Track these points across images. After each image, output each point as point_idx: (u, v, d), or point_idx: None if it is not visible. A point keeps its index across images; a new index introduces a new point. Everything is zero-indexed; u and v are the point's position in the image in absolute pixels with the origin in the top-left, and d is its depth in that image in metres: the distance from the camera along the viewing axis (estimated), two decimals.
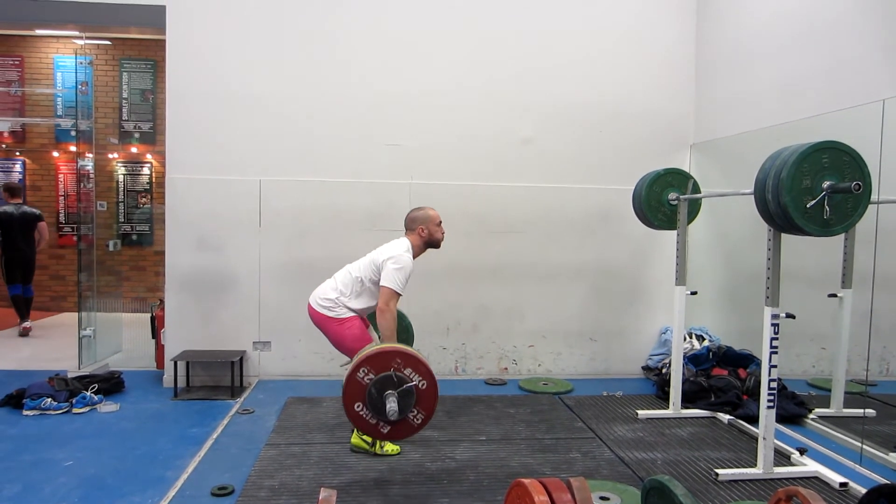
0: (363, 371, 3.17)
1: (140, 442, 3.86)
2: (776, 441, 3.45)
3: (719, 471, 3.35)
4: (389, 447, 3.61)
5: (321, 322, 3.66)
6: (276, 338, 5.19)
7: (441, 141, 5.25)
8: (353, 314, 3.63)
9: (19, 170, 8.26)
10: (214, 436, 3.94)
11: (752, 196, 3.17)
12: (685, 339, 5.05)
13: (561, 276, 5.41)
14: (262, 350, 5.19)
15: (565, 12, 5.34)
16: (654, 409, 4.49)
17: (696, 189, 4.40)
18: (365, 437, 3.56)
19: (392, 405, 3.09)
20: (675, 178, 4.46)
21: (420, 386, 3.20)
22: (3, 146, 8.24)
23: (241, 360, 5.03)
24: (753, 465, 3.41)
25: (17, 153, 8.26)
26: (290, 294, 5.16)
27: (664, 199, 4.45)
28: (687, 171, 4.94)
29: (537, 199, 5.33)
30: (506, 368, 5.42)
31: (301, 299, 5.09)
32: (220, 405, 4.58)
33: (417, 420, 3.24)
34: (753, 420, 4.02)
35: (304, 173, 5.14)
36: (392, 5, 5.20)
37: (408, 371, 3.20)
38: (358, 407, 3.17)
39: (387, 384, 3.17)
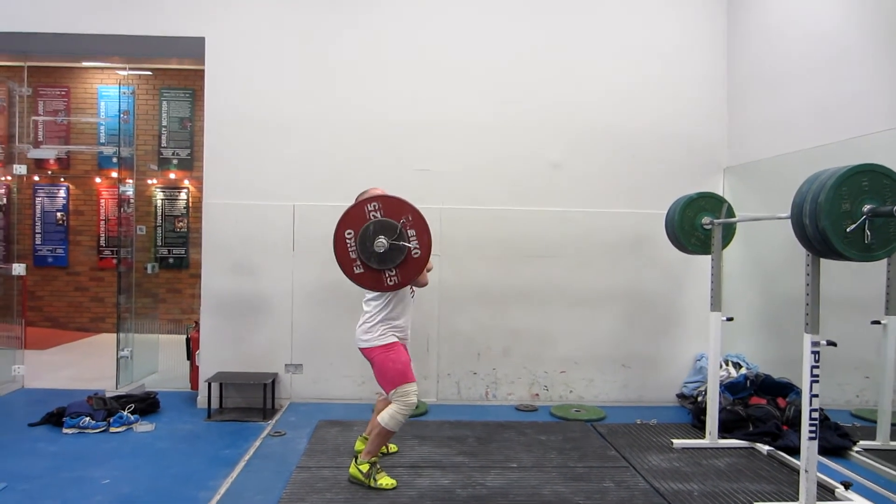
0: (374, 206, 3.25)
1: (174, 462, 3.91)
2: (819, 474, 3.33)
3: None
4: (384, 481, 3.47)
5: (368, 353, 3.58)
6: (308, 361, 5.22)
7: (471, 166, 5.29)
8: (396, 339, 3.56)
9: (63, 195, 8.53)
10: (247, 457, 3.97)
11: (789, 220, 3.12)
12: (721, 367, 4.94)
13: (593, 301, 5.36)
14: (294, 373, 5.22)
15: (595, 37, 5.38)
16: (689, 438, 4.39)
17: (731, 213, 4.35)
18: (361, 467, 3.49)
19: (381, 241, 3.20)
20: (709, 203, 4.41)
21: (413, 253, 3.25)
22: (49, 173, 8.53)
23: (274, 382, 5.07)
24: (795, 498, 3.29)
25: (62, 179, 8.55)
26: (322, 317, 5.22)
27: (697, 224, 4.40)
28: (720, 194, 4.88)
29: (568, 224, 5.32)
30: (537, 395, 5.37)
31: (333, 323, 5.20)
32: (252, 427, 4.62)
33: (391, 281, 3.29)
34: (794, 451, 3.90)
35: (336, 198, 5.17)
36: (421, 31, 5.30)
37: (412, 233, 3.27)
38: (348, 234, 3.26)
39: (387, 230, 3.23)
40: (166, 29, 5.13)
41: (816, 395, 3.16)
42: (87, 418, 4.45)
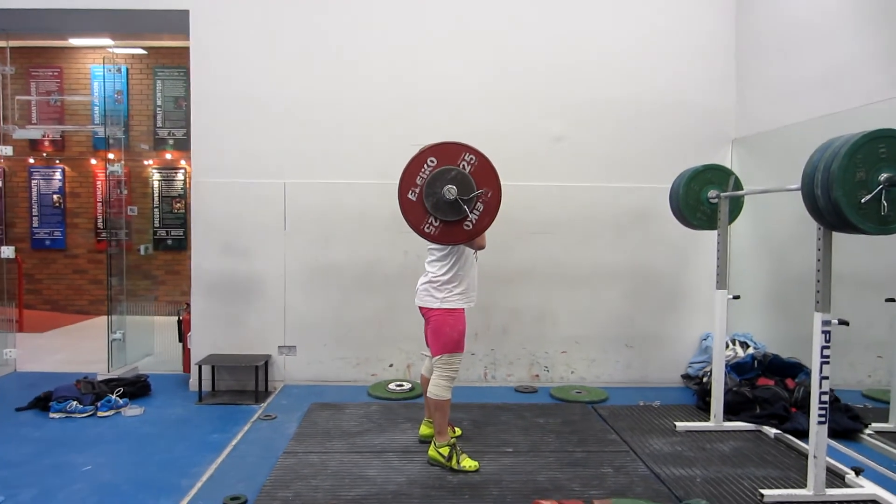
0: (471, 158, 3.27)
1: (160, 448, 3.80)
2: (828, 459, 3.17)
3: (765, 491, 3.09)
4: (467, 463, 3.39)
5: (428, 313, 3.52)
6: (302, 342, 5.10)
7: (468, 140, 5.02)
8: (462, 305, 3.47)
9: (59, 177, 8.41)
10: (234, 442, 3.85)
11: (800, 192, 2.92)
12: (728, 347, 4.77)
13: (595, 279, 5.18)
14: (288, 354, 5.10)
15: (596, 4, 5.13)
16: (694, 420, 4.22)
17: (738, 186, 4.13)
18: (441, 451, 3.42)
19: (452, 190, 3.16)
20: (715, 175, 4.19)
21: (465, 224, 3.23)
22: (45, 154, 8.40)
23: (267, 364, 4.95)
24: (803, 485, 3.14)
25: (58, 161, 8.42)
26: (315, 298, 5.08)
27: (703, 198, 4.19)
28: (728, 167, 4.66)
29: (569, 199, 5.12)
30: (537, 375, 5.21)
31: (326, 303, 5.06)
32: (243, 410, 4.50)
33: (428, 229, 3.28)
34: (803, 434, 3.72)
35: (329, 175, 5.04)
36: (416, 3, 5.07)
37: (480, 206, 3.23)
38: (430, 161, 3.23)
39: (464, 187, 3.19)
40: (149, 2, 4.93)
41: (827, 378, 3.00)
42: (75, 402, 4.34)
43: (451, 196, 3.17)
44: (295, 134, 5.03)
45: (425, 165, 3.25)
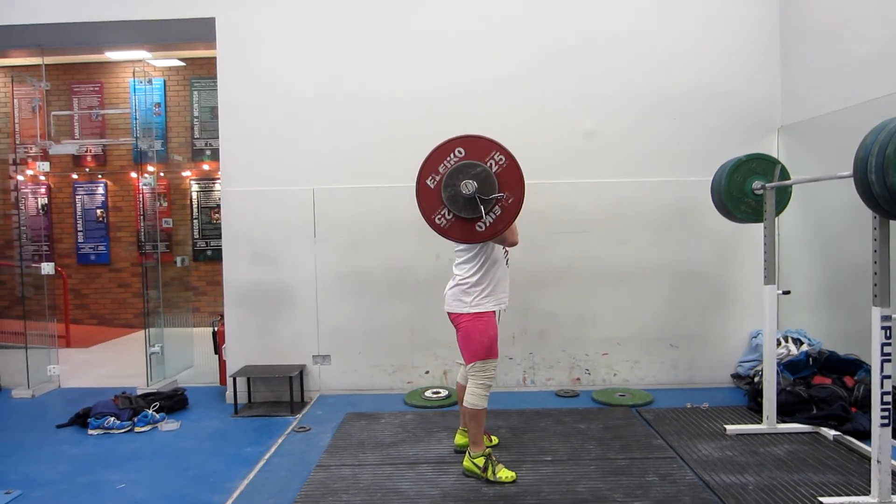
0: (500, 158, 3.11)
1: (194, 463, 3.77)
2: (894, 463, 2.93)
3: (824, 499, 2.88)
4: (503, 473, 3.26)
5: (456, 319, 3.38)
6: (336, 351, 5.03)
7: (499, 137, 4.92)
8: (492, 308, 3.33)
9: (102, 192, 8.59)
10: (267, 456, 3.80)
11: (852, 179, 2.70)
12: (780, 344, 4.50)
13: (635, 277, 4.97)
14: (322, 364, 5.04)
15: None
16: (745, 423, 4.00)
17: (785, 175, 3.89)
18: (477, 461, 3.30)
19: (472, 186, 3.03)
20: (760, 165, 3.96)
21: (478, 224, 3.11)
22: (87, 170, 8.59)
23: (301, 374, 4.91)
24: (866, 491, 2.90)
25: (100, 175, 8.60)
26: (347, 305, 5.02)
27: (747, 189, 3.96)
28: (774, 156, 4.40)
29: (605, 196, 4.94)
30: (578, 379, 5.04)
31: (359, 311, 4.99)
32: (278, 422, 4.46)
33: (440, 221, 3.17)
34: (865, 436, 3.48)
35: (358, 180, 4.97)
36: (444, 4, 4.95)
37: (497, 210, 3.10)
38: (458, 152, 3.11)
39: (486, 185, 3.06)
40: (175, 11, 4.94)
41: (888, 377, 2.77)
42: (112, 418, 4.36)
43: (468, 191, 3.05)
44: (322, 139, 4.97)
45: (452, 155, 3.14)
